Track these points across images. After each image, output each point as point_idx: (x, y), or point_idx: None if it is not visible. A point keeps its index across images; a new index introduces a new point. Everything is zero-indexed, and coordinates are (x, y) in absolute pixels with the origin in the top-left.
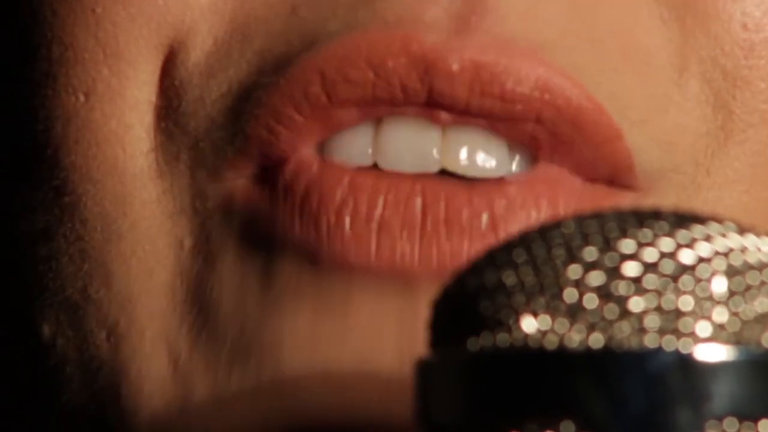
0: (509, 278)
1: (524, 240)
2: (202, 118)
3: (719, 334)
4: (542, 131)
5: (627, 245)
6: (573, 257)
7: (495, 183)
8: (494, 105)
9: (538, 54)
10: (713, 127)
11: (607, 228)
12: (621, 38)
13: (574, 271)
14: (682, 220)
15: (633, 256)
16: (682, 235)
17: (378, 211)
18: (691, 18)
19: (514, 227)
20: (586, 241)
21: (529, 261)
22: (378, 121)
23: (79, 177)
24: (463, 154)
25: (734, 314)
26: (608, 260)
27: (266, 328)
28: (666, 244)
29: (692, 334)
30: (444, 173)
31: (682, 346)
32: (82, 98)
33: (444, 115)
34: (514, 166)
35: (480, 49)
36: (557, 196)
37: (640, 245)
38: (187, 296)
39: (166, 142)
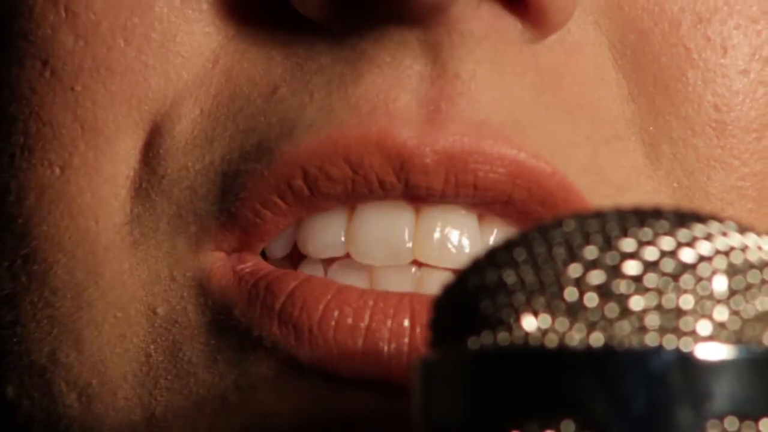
0: (510, 277)
1: (525, 239)
2: (186, 187)
3: (720, 332)
4: (513, 210)
5: (628, 244)
6: (574, 256)
7: None
8: (467, 192)
9: (509, 135)
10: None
11: (608, 227)
12: (591, 110)
13: (574, 269)
14: (683, 218)
15: (634, 255)
16: (683, 233)
17: (364, 323)
18: (660, 98)
19: None
20: (587, 239)
21: (529, 260)
22: (352, 208)
23: (50, 246)
24: (436, 238)
25: (735, 313)
26: (609, 259)
27: (240, 419)
28: (667, 242)
29: (693, 333)
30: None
31: (683, 344)
32: (57, 171)
33: (418, 202)
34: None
35: (452, 138)
36: None
37: (641, 244)
38: (163, 360)
39: (145, 212)
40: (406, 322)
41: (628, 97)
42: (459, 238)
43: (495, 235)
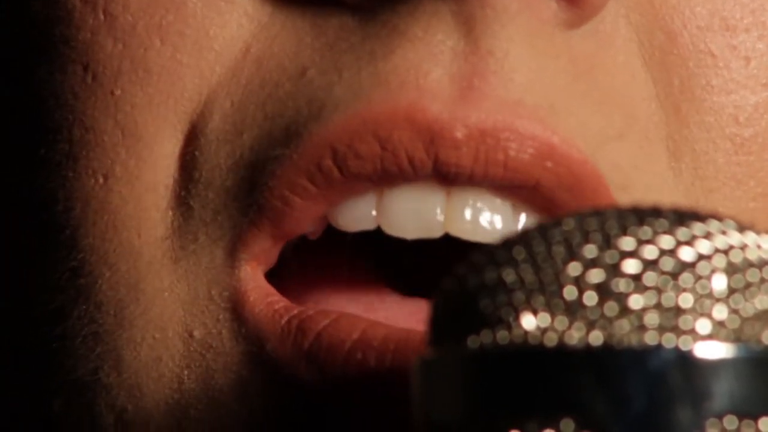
0: (509, 276)
1: (524, 237)
2: (220, 188)
3: (719, 331)
4: (539, 197)
5: (627, 243)
6: (573, 255)
7: None
8: (496, 172)
9: (543, 118)
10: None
11: (607, 225)
12: (623, 106)
13: (574, 268)
14: (682, 217)
15: (633, 254)
16: (682, 232)
17: (386, 366)
18: (686, 105)
19: None
20: (586, 238)
21: (528, 259)
22: (382, 192)
23: (96, 260)
24: (467, 216)
25: (734, 311)
26: (608, 258)
27: None
28: (666, 241)
29: (692, 332)
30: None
31: (682, 343)
32: (101, 180)
33: (447, 183)
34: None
35: (484, 115)
36: None
37: (640, 243)
38: (196, 387)
39: (185, 223)
40: None
41: (656, 99)
42: (491, 215)
43: (524, 220)
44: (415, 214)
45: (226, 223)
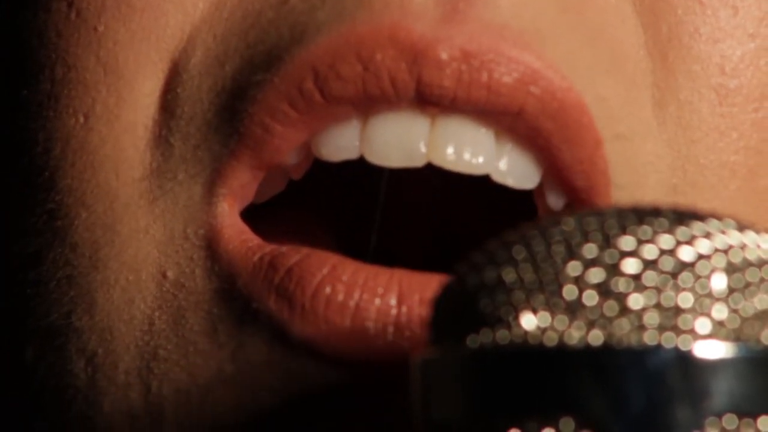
0: (509, 275)
1: (524, 237)
2: (200, 120)
3: (718, 331)
4: (523, 126)
5: (627, 242)
6: (573, 254)
7: None
8: (480, 95)
9: (529, 43)
10: (681, 182)
11: (607, 225)
12: (612, 47)
13: (573, 268)
14: (682, 217)
15: (633, 253)
16: (682, 232)
17: (354, 300)
18: (673, 53)
19: None
20: (586, 238)
21: (528, 258)
22: (366, 118)
23: (73, 201)
24: (450, 149)
25: (734, 311)
26: (608, 257)
27: (232, 390)
28: (665, 241)
29: (691, 331)
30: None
31: (682, 343)
32: (81, 119)
33: (432, 108)
34: (501, 164)
35: (469, 36)
36: None
37: (640, 242)
38: (166, 328)
39: (164, 163)
40: (393, 301)
41: (644, 46)
42: (474, 144)
43: (508, 156)
44: (399, 143)
45: (206, 157)
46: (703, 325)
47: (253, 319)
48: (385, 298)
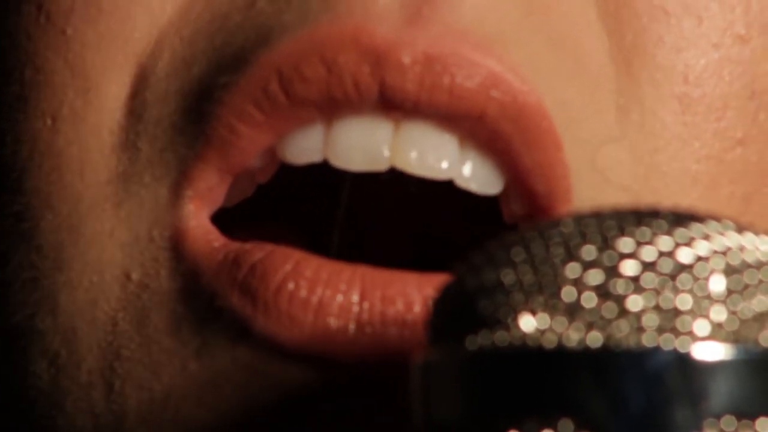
0: (508, 277)
1: (523, 239)
2: (167, 123)
3: (717, 332)
4: (484, 130)
5: (625, 244)
6: (571, 256)
7: (427, 277)
8: (441, 99)
9: (491, 47)
10: (642, 189)
11: (606, 227)
12: (576, 52)
13: (572, 269)
14: (681, 218)
15: (631, 255)
16: (681, 233)
17: (317, 296)
18: (638, 61)
19: None
20: (585, 239)
21: (527, 260)
22: (330, 123)
23: (39, 203)
24: (414, 153)
25: (732, 313)
26: (607, 259)
27: (196, 387)
28: (664, 242)
29: (690, 333)
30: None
31: (680, 344)
32: (49, 122)
33: (395, 112)
34: (465, 170)
35: (432, 40)
36: None
37: (639, 244)
38: (129, 329)
39: (130, 166)
40: (356, 297)
41: (608, 53)
42: (437, 149)
43: (472, 161)
44: (363, 146)
45: (173, 159)
46: (701, 327)
47: (216, 316)
48: (348, 294)
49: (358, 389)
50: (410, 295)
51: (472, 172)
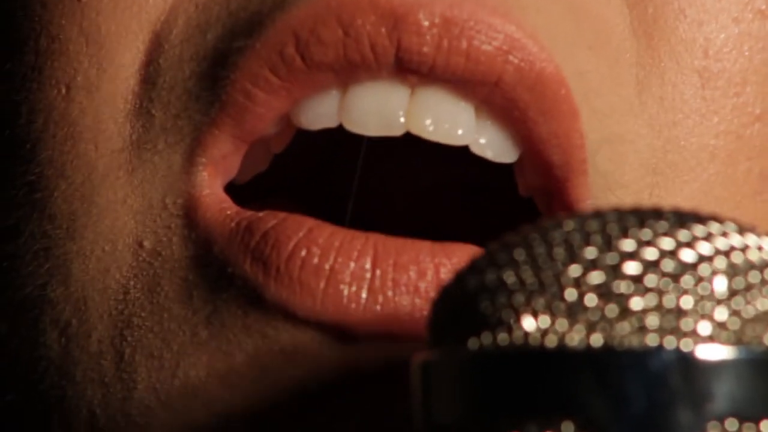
0: (509, 278)
1: (525, 239)
2: (181, 89)
3: (720, 333)
4: (500, 97)
5: (628, 244)
6: (573, 256)
7: (440, 245)
8: (458, 63)
9: (510, 11)
10: (660, 163)
11: (608, 227)
12: (596, 19)
13: (574, 270)
14: (683, 218)
15: (634, 255)
16: (683, 233)
17: (329, 263)
18: (659, 34)
19: None
20: (587, 240)
21: (529, 260)
22: (346, 88)
23: (53, 173)
24: (429, 119)
25: (735, 313)
26: (609, 259)
27: (206, 354)
28: (667, 243)
29: (693, 333)
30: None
31: (683, 345)
32: (63, 90)
33: (411, 77)
34: (481, 137)
35: (450, 3)
36: None
37: (641, 244)
38: (140, 296)
39: (144, 134)
40: (368, 265)
41: (629, 25)
42: (454, 115)
43: (488, 129)
44: (378, 111)
45: (187, 126)
46: (704, 328)
47: (228, 284)
48: (360, 261)
49: (370, 358)
50: (423, 263)
51: (487, 140)
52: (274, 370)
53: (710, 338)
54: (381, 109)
